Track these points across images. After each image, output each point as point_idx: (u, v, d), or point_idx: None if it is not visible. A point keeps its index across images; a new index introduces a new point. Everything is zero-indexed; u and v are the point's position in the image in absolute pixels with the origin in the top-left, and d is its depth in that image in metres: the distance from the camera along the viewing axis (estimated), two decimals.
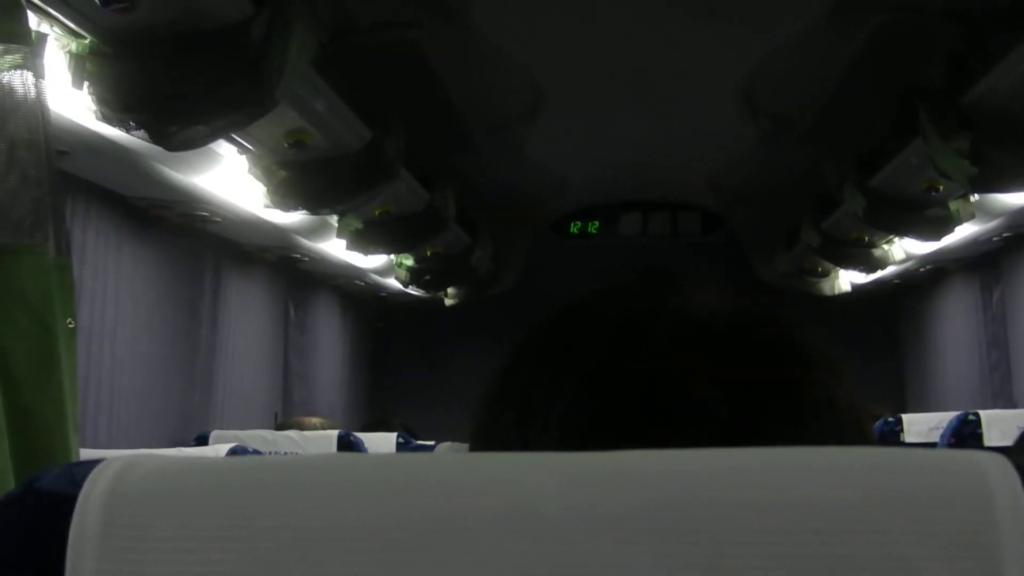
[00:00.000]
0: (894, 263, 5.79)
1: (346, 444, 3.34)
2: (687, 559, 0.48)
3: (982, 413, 3.41)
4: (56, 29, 2.43)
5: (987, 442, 3.27)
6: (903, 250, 5.62)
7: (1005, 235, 4.87)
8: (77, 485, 0.52)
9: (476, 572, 0.49)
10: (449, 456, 0.53)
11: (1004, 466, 0.49)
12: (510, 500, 0.50)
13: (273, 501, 0.51)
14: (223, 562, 0.50)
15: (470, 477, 0.52)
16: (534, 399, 0.69)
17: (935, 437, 3.52)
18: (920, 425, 3.69)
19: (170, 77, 2.43)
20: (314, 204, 3.77)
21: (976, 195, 4.37)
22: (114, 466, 0.53)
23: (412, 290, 6.19)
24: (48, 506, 0.52)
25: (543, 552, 0.49)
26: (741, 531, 0.48)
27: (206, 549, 0.50)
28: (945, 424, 3.47)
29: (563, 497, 0.50)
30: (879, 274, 6.07)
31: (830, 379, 0.70)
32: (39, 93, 2.22)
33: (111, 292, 3.79)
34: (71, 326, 1.91)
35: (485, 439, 0.71)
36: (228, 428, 4.46)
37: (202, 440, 3.46)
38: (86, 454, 2.08)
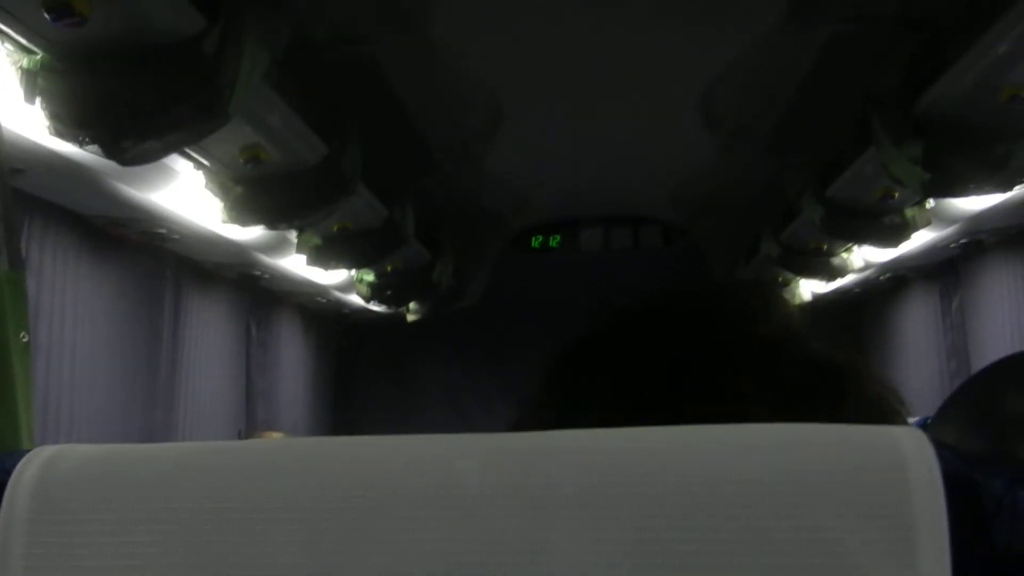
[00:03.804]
0: (853, 271, 5.84)
1: None
2: (607, 534, 0.49)
3: None
4: (7, 45, 2.42)
5: None
6: (862, 258, 5.66)
7: (962, 241, 4.92)
8: (7, 472, 0.53)
9: (402, 548, 0.49)
10: (375, 438, 0.54)
11: (919, 439, 0.50)
12: (434, 480, 0.51)
13: (202, 484, 0.52)
14: (152, 543, 0.51)
15: (397, 458, 0.52)
16: (573, 400, 0.71)
17: None
18: None
19: (122, 92, 2.42)
20: (271, 219, 3.76)
21: (932, 201, 4.41)
22: (45, 454, 0.54)
23: (374, 306, 6.18)
24: None
25: (466, 529, 0.50)
26: (661, 507, 0.49)
27: (134, 531, 0.51)
28: None
29: (484, 476, 0.51)
30: (840, 283, 6.11)
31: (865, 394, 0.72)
32: None
33: (69, 311, 3.76)
34: (25, 340, 1.90)
35: None
36: None
37: None
38: None
